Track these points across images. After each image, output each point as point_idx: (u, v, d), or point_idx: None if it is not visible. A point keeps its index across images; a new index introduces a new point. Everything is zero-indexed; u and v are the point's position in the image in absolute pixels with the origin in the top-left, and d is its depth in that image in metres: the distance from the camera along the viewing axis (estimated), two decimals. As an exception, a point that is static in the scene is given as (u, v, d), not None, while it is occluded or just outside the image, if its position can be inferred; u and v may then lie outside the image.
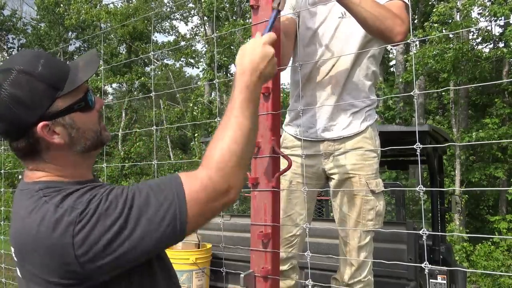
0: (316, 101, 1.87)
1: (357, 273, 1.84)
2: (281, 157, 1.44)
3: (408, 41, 1.41)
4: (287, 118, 2.05)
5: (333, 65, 1.84)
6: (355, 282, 1.84)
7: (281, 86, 1.55)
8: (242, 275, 1.31)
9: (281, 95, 1.58)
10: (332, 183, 1.90)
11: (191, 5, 17.03)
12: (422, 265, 1.00)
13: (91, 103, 1.04)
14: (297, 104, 1.96)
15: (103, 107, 1.18)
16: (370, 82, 1.89)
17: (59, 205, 0.90)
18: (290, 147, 1.96)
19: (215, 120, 1.73)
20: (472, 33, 11.30)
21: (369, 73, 1.87)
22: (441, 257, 3.10)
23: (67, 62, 1.08)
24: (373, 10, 1.57)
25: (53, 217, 0.89)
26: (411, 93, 1.09)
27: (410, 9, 1.77)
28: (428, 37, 9.27)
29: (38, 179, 1.01)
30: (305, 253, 1.39)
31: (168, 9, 19.73)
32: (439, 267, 2.89)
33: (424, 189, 1.01)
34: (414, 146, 1.06)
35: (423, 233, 1.01)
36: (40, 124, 0.96)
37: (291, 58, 1.96)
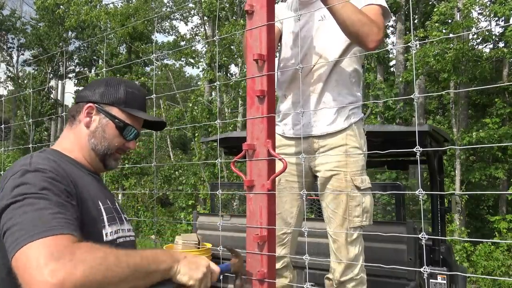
0: (301, 99, 1.93)
1: (348, 270, 1.84)
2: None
3: (409, 44, 1.40)
4: (276, 118, 2.10)
5: (315, 64, 1.91)
6: (347, 279, 1.84)
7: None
8: (235, 280, 1.30)
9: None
10: (318, 181, 1.93)
11: (191, 5, 17.01)
12: (421, 269, 0.99)
13: (127, 133, 1.31)
14: (283, 105, 2.04)
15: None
16: (353, 79, 1.94)
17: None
18: (278, 146, 1.99)
19: (216, 121, 1.72)
20: (472, 33, 11.28)
21: (351, 70, 1.93)
22: (441, 257, 3.09)
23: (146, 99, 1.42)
24: (353, 16, 1.64)
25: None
26: (412, 96, 1.08)
27: (389, 12, 1.82)
28: (430, 40, 9.25)
29: (55, 148, 1.28)
30: (304, 256, 1.37)
31: (168, 9, 19.69)
32: (438, 269, 2.88)
33: (424, 192, 1.00)
34: (414, 150, 1.04)
35: (422, 237, 0.99)
36: (90, 104, 1.29)
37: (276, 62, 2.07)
